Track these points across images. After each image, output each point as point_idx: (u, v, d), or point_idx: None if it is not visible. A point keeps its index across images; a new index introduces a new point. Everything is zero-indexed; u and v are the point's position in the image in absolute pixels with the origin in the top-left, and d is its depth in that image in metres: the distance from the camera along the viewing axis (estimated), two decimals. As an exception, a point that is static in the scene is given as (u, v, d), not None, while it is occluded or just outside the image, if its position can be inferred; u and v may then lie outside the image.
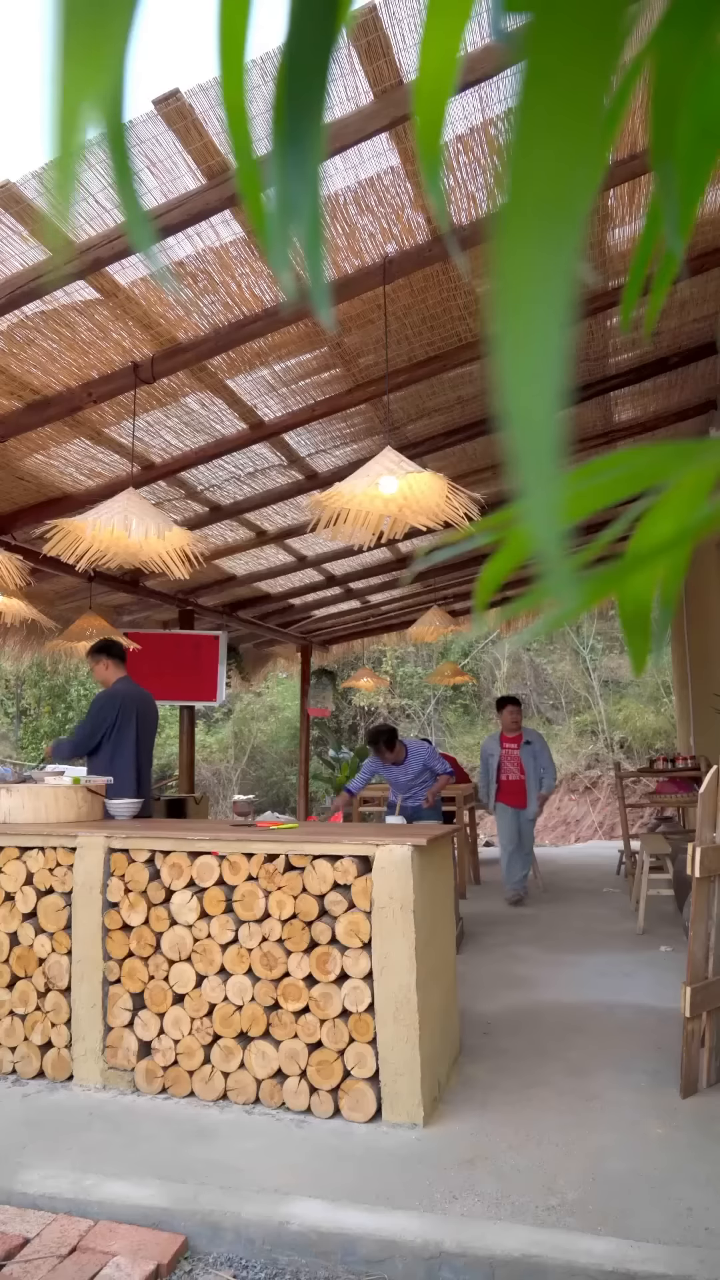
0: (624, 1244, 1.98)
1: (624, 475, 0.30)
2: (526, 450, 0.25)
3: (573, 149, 0.25)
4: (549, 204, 0.25)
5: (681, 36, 0.27)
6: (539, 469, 0.25)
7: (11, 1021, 3.19)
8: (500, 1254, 1.98)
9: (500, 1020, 3.67)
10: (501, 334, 0.26)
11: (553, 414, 0.25)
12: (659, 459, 0.30)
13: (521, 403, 0.25)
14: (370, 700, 16.75)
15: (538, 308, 0.25)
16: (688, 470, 0.30)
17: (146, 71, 3.23)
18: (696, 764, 7.10)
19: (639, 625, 0.37)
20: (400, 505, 3.22)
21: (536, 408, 0.25)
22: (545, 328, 0.25)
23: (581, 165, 0.25)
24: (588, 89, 0.25)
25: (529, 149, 0.25)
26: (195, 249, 3.21)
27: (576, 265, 0.25)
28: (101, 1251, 2.07)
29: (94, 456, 4.73)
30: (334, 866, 2.86)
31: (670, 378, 5.36)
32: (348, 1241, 2.08)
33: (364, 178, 3.03)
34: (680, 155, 0.31)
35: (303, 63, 0.27)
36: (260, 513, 6.08)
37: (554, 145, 0.25)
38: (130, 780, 4.47)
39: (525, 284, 0.25)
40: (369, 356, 4.23)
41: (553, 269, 0.25)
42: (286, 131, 0.28)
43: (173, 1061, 2.97)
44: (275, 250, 0.29)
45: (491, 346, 0.26)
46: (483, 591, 0.33)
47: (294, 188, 0.28)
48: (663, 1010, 3.69)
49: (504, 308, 0.25)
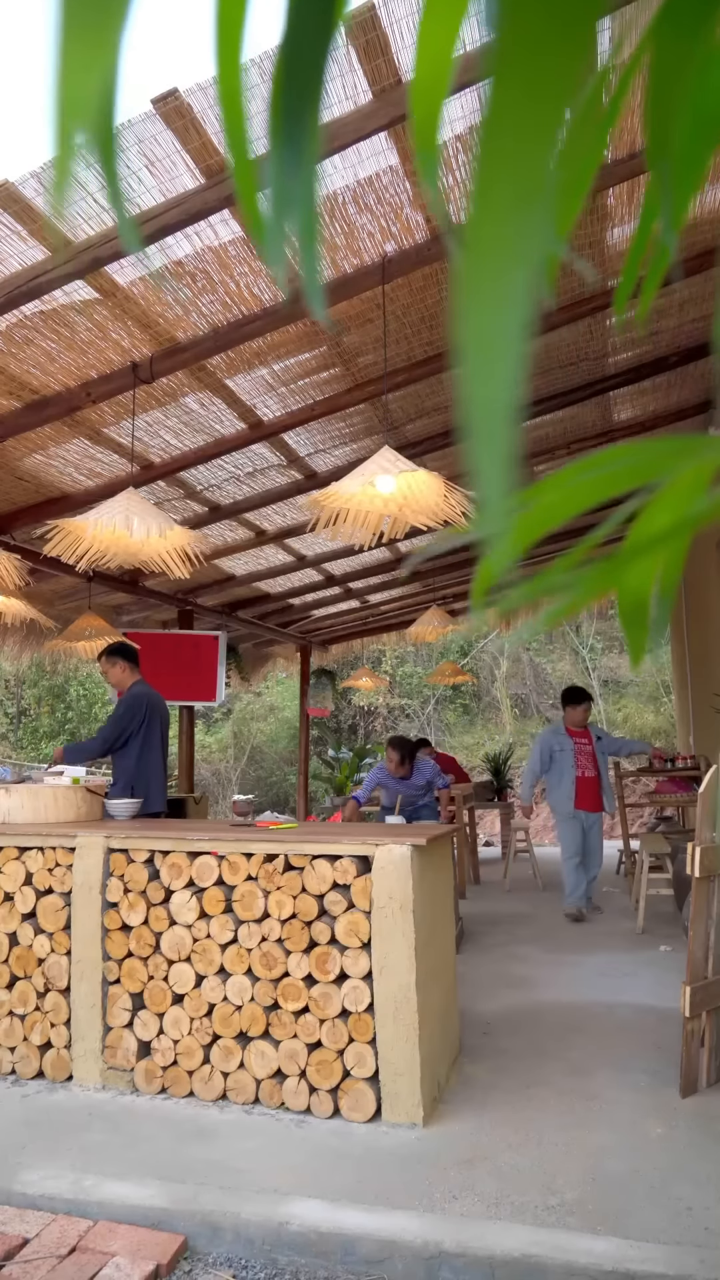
0: (623, 1244, 1.98)
1: (618, 471, 0.30)
2: (483, 456, 0.26)
3: (534, 159, 0.25)
4: (510, 215, 0.25)
5: (678, 32, 0.27)
6: (494, 478, 0.25)
7: (11, 1022, 3.19)
8: (500, 1254, 1.98)
9: (500, 1020, 3.67)
10: (464, 340, 0.26)
11: (509, 420, 0.26)
12: (653, 455, 0.30)
13: (482, 408, 0.25)
14: (370, 700, 16.75)
15: (499, 316, 0.25)
16: (685, 465, 0.30)
17: (145, 71, 3.24)
18: (696, 763, 7.10)
19: (637, 618, 0.37)
20: (399, 505, 3.22)
21: (494, 413, 0.25)
22: (506, 336, 0.25)
23: (542, 175, 0.25)
24: (549, 98, 0.25)
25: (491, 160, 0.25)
26: (194, 248, 3.21)
27: (538, 274, 0.25)
28: (101, 1252, 2.07)
29: (93, 456, 4.73)
30: (333, 866, 2.86)
31: (669, 377, 5.36)
32: (347, 1241, 2.08)
33: (363, 177, 3.03)
34: (677, 150, 0.31)
35: (300, 58, 0.27)
36: (260, 512, 6.08)
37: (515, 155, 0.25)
38: (159, 782, 4.53)
39: (488, 291, 0.25)
40: (368, 356, 4.23)
41: (514, 280, 0.25)
42: (283, 128, 0.28)
43: (172, 1061, 2.97)
44: (271, 247, 0.29)
45: (456, 354, 0.26)
46: (480, 586, 0.33)
47: (290, 184, 0.28)
48: (662, 1010, 3.69)
49: (467, 321, 0.26)
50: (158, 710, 4.62)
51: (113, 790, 4.36)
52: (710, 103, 0.30)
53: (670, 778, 6.98)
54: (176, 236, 3.08)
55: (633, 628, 0.37)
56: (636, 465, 0.30)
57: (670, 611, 0.39)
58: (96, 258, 2.97)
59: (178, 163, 2.74)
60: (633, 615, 0.36)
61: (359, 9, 2.37)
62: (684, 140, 0.31)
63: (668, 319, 4.57)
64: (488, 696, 17.03)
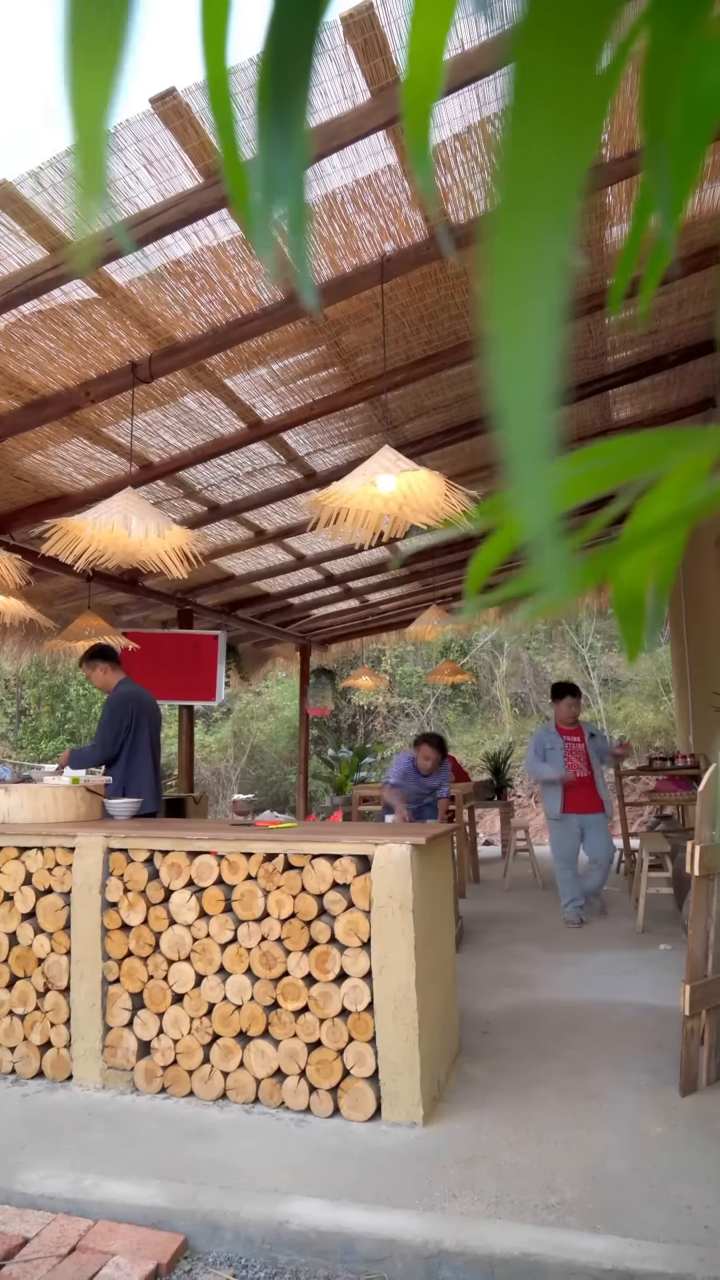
0: (623, 1242, 1.98)
1: (614, 464, 0.30)
2: (519, 444, 0.25)
3: (564, 144, 0.25)
4: (541, 199, 0.25)
5: (671, 22, 0.27)
6: (532, 461, 0.25)
7: (11, 1021, 3.19)
8: (500, 1252, 1.98)
9: (500, 1019, 3.67)
10: (495, 329, 0.25)
11: (546, 408, 0.25)
12: (648, 448, 0.30)
13: (515, 397, 0.25)
14: (369, 699, 16.75)
15: (531, 303, 0.25)
16: (681, 457, 0.30)
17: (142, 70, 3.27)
18: (696, 762, 7.10)
19: (633, 613, 0.36)
20: (399, 504, 3.22)
21: (530, 402, 0.25)
22: (539, 323, 0.24)
23: (573, 159, 0.25)
24: (577, 81, 0.25)
25: (521, 144, 0.25)
26: (193, 248, 3.21)
27: (569, 261, 0.25)
28: (101, 1251, 2.07)
29: (92, 456, 4.72)
30: (333, 866, 2.86)
31: (668, 376, 5.36)
32: (347, 1240, 2.08)
33: (361, 176, 3.02)
34: (672, 142, 0.31)
35: (287, 43, 0.27)
36: (259, 512, 6.08)
37: (545, 140, 0.25)
38: (150, 781, 4.48)
39: (519, 280, 0.25)
40: (367, 355, 4.23)
41: (546, 265, 0.25)
42: (271, 112, 0.28)
43: (172, 1061, 2.97)
44: (260, 234, 0.29)
45: (486, 343, 0.26)
46: (474, 578, 0.33)
47: (278, 172, 0.28)
48: (662, 1008, 3.69)
49: (498, 303, 0.25)
50: (145, 708, 4.57)
51: (109, 789, 4.35)
52: (705, 93, 0.30)
53: (670, 776, 6.98)
54: (175, 236, 3.08)
55: (628, 623, 0.37)
56: (632, 458, 0.30)
57: (665, 607, 0.39)
58: (96, 257, 2.97)
59: (176, 162, 2.73)
60: (628, 611, 0.36)
61: (357, 8, 2.36)
62: (679, 132, 0.31)
63: (667, 317, 4.57)
64: (487, 695, 17.03)
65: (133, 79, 0.28)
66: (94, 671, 4.62)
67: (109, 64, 0.27)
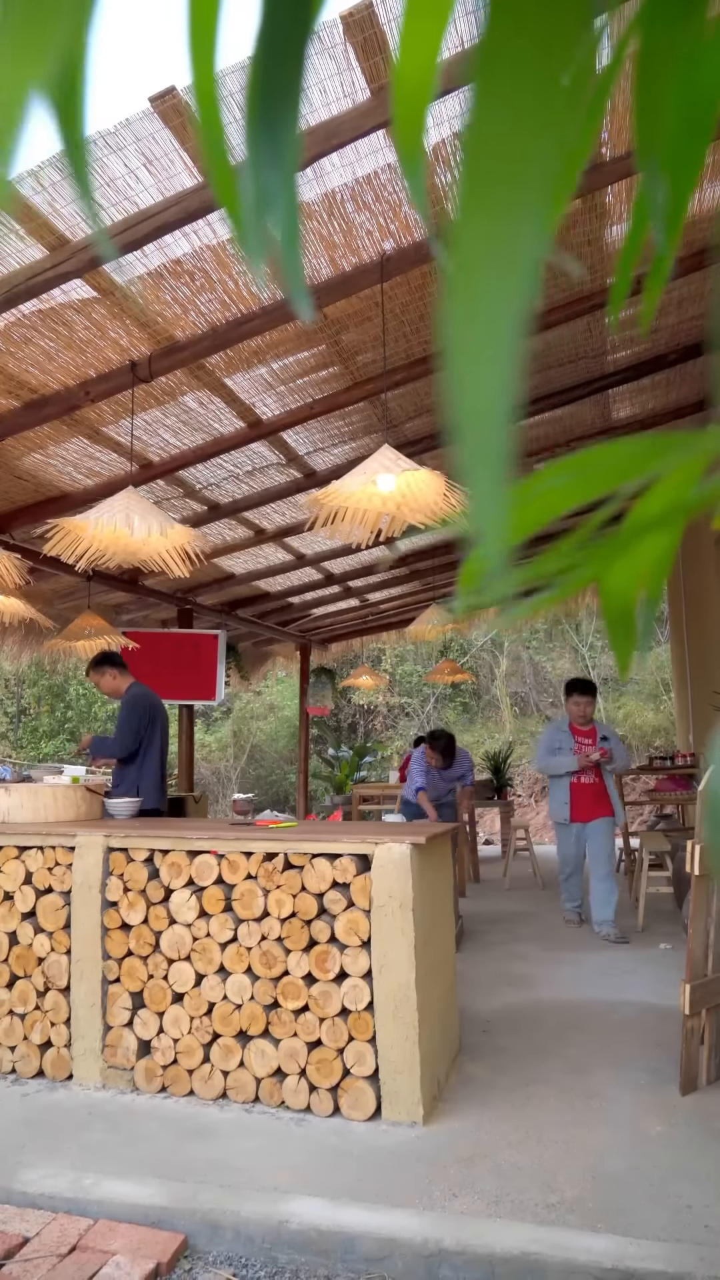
0: (623, 1241, 1.98)
1: (605, 469, 0.30)
2: (475, 463, 0.25)
3: (522, 161, 0.25)
4: (499, 217, 0.25)
5: (665, 26, 0.27)
6: (487, 475, 0.25)
7: (11, 1021, 3.19)
8: (500, 1252, 1.98)
9: (500, 1018, 3.67)
10: (452, 341, 0.25)
11: (502, 424, 0.25)
12: (641, 452, 0.30)
13: (471, 412, 0.25)
14: (369, 699, 16.74)
15: (489, 317, 0.24)
16: (674, 461, 0.30)
17: (142, 69, 3.24)
18: (695, 761, 7.10)
19: (623, 626, 0.36)
20: (398, 503, 3.22)
21: (486, 416, 0.25)
22: (497, 338, 0.24)
23: (534, 178, 0.25)
24: (535, 102, 0.25)
25: (477, 158, 0.25)
26: (192, 247, 3.21)
27: (529, 280, 0.25)
28: (101, 1250, 2.07)
29: (92, 455, 4.72)
30: (333, 865, 2.86)
31: (668, 375, 5.36)
32: (347, 1240, 2.08)
33: (361, 175, 3.02)
34: (667, 150, 0.31)
35: (276, 54, 0.27)
36: (259, 511, 6.08)
37: (503, 154, 0.25)
38: (159, 780, 4.59)
39: (477, 291, 0.25)
40: (367, 354, 4.22)
41: (506, 277, 0.24)
42: (260, 127, 0.28)
43: (172, 1060, 2.97)
44: (250, 247, 0.29)
45: (442, 357, 0.26)
46: (466, 580, 0.33)
47: (269, 184, 0.28)
48: (662, 1008, 3.69)
49: (455, 315, 0.25)
50: (159, 710, 4.67)
51: (116, 790, 4.40)
52: (701, 97, 0.30)
53: (670, 775, 6.98)
54: (174, 235, 3.08)
55: (619, 638, 0.37)
56: (623, 463, 0.30)
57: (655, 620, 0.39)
58: (95, 257, 2.97)
59: (175, 161, 2.73)
60: (619, 625, 0.36)
61: (356, 6, 2.36)
62: (674, 135, 0.31)
63: (666, 317, 4.57)
64: (487, 695, 17.02)
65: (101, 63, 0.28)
66: (103, 677, 4.66)
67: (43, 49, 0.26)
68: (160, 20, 23.74)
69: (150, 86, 3.72)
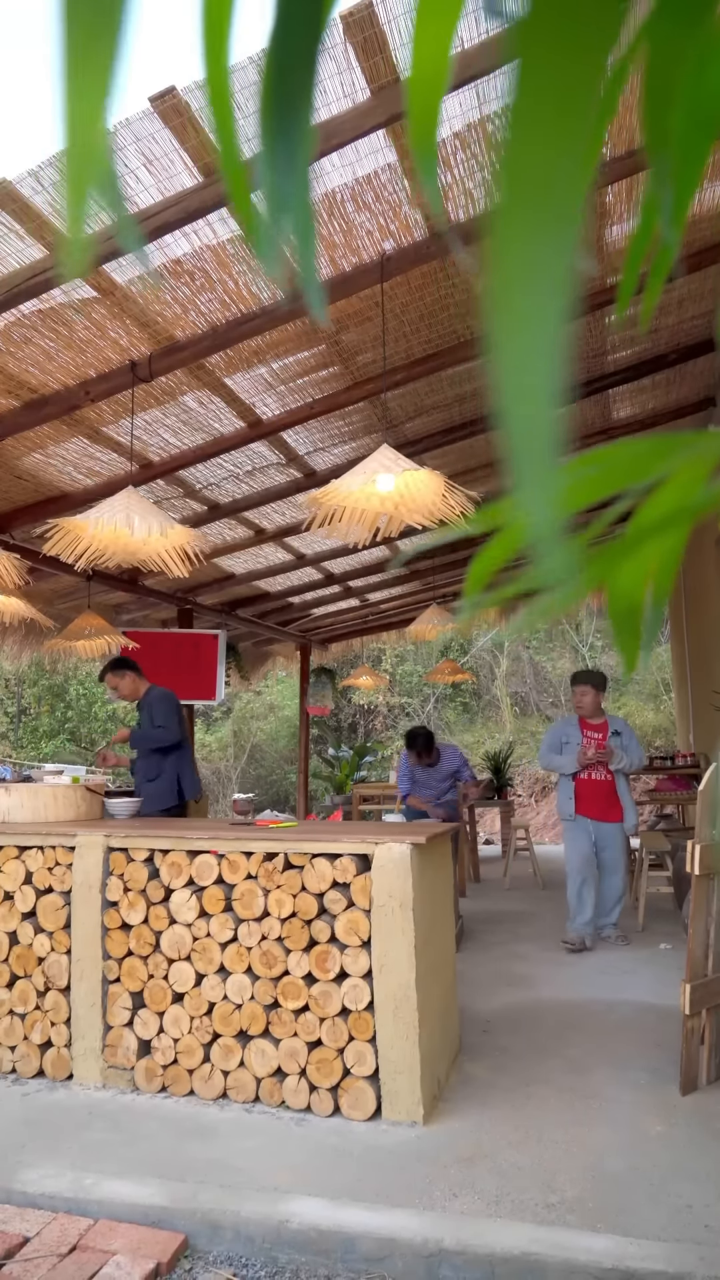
0: (623, 1241, 1.98)
1: (613, 469, 0.30)
2: (523, 445, 0.25)
3: (567, 140, 0.25)
4: (544, 196, 0.25)
5: (675, 25, 0.27)
6: (536, 462, 0.25)
7: (11, 1020, 3.19)
8: (500, 1251, 1.98)
9: (500, 1018, 3.67)
10: (498, 328, 0.25)
11: (550, 407, 0.25)
12: (646, 453, 0.30)
13: (518, 397, 0.25)
14: (370, 699, 16.74)
15: (535, 301, 0.24)
16: (679, 462, 0.30)
17: (142, 68, 3.27)
18: (696, 761, 7.10)
19: (629, 625, 0.36)
20: (396, 503, 3.22)
21: (534, 401, 0.25)
22: (543, 320, 0.24)
23: (576, 156, 0.25)
24: (582, 79, 0.25)
25: (523, 140, 0.25)
26: (192, 246, 3.20)
27: (574, 258, 0.25)
28: (101, 1250, 2.07)
29: (92, 455, 4.72)
30: (333, 865, 2.86)
31: (669, 374, 5.36)
32: (347, 1239, 2.08)
33: (361, 175, 3.02)
34: (675, 146, 0.31)
35: (289, 54, 0.27)
36: (259, 511, 6.08)
37: (548, 136, 0.25)
38: (195, 772, 4.90)
39: (522, 277, 0.25)
40: (367, 354, 4.22)
41: (550, 262, 0.24)
42: (274, 127, 0.28)
43: (172, 1060, 2.97)
44: (265, 248, 0.29)
45: (488, 342, 0.26)
46: (473, 584, 0.32)
47: (283, 185, 0.28)
48: (662, 1008, 3.69)
49: (500, 301, 0.25)
50: (181, 707, 4.97)
51: (150, 784, 4.61)
52: (709, 96, 0.30)
53: (670, 775, 6.99)
54: (174, 235, 3.08)
55: (625, 635, 0.37)
56: (630, 463, 0.30)
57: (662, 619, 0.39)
58: (95, 256, 2.96)
59: (175, 161, 2.73)
60: (625, 622, 0.36)
61: (356, 6, 2.36)
62: (683, 134, 0.31)
63: (667, 316, 4.57)
64: (487, 695, 17.02)
65: (128, 80, 0.28)
66: (123, 680, 4.74)
67: (104, 66, 0.27)
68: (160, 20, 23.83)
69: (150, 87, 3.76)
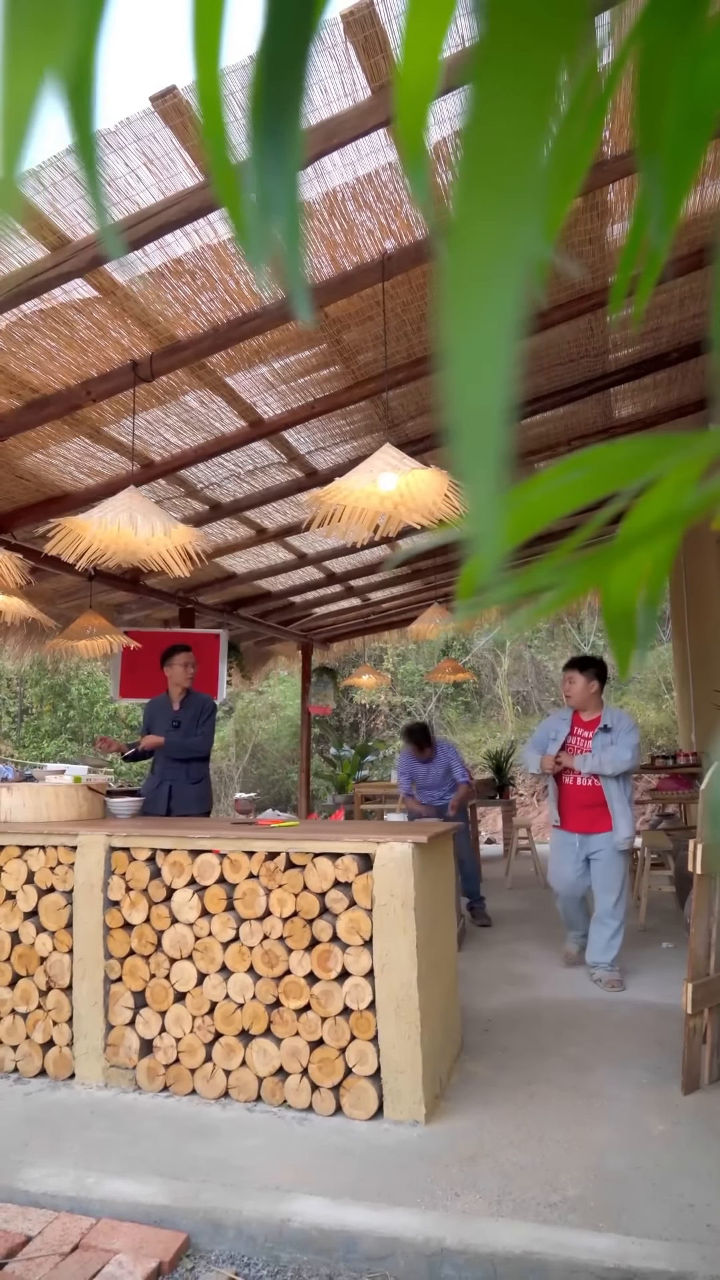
0: (625, 1241, 1.98)
1: (603, 471, 0.30)
2: (472, 466, 0.25)
3: (522, 153, 0.25)
4: (501, 205, 0.25)
5: (667, 23, 0.27)
6: (483, 481, 0.25)
7: (13, 1020, 3.20)
8: (501, 1251, 1.98)
9: (501, 1017, 3.67)
10: (450, 343, 0.25)
11: (499, 427, 0.25)
12: (639, 454, 0.30)
13: (468, 414, 0.25)
14: (371, 698, 16.74)
15: (487, 316, 0.24)
16: (671, 463, 0.30)
17: (143, 68, 3.26)
18: (698, 760, 7.10)
19: (624, 626, 0.36)
20: (397, 503, 3.22)
21: (483, 420, 0.25)
22: (495, 337, 0.24)
23: (532, 165, 0.25)
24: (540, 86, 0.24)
25: (478, 153, 0.25)
26: (194, 246, 3.20)
27: (528, 275, 0.25)
28: (103, 1249, 2.08)
29: (93, 455, 4.72)
30: (335, 864, 2.86)
31: (670, 373, 5.35)
32: (349, 1239, 2.08)
33: (362, 174, 3.02)
34: (667, 145, 0.31)
35: (279, 54, 0.27)
36: (260, 510, 6.07)
37: (503, 150, 0.25)
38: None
39: (476, 292, 0.25)
40: (368, 353, 4.22)
41: (503, 279, 0.24)
42: (264, 128, 0.28)
43: (174, 1059, 2.97)
44: (251, 244, 0.29)
45: (440, 356, 0.26)
46: (466, 584, 0.33)
47: (272, 186, 0.28)
48: (664, 1007, 3.69)
49: (453, 315, 0.25)
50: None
51: (201, 786, 5.02)
52: (701, 95, 0.30)
53: (672, 774, 6.98)
54: (176, 234, 3.08)
55: (619, 638, 0.37)
56: (622, 464, 0.30)
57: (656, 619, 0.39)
58: (96, 256, 2.97)
59: (176, 160, 2.73)
60: (619, 625, 0.36)
61: (357, 5, 2.36)
62: (675, 134, 0.30)
63: (668, 315, 4.56)
64: (489, 694, 17.01)
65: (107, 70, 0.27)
66: (194, 663, 5.11)
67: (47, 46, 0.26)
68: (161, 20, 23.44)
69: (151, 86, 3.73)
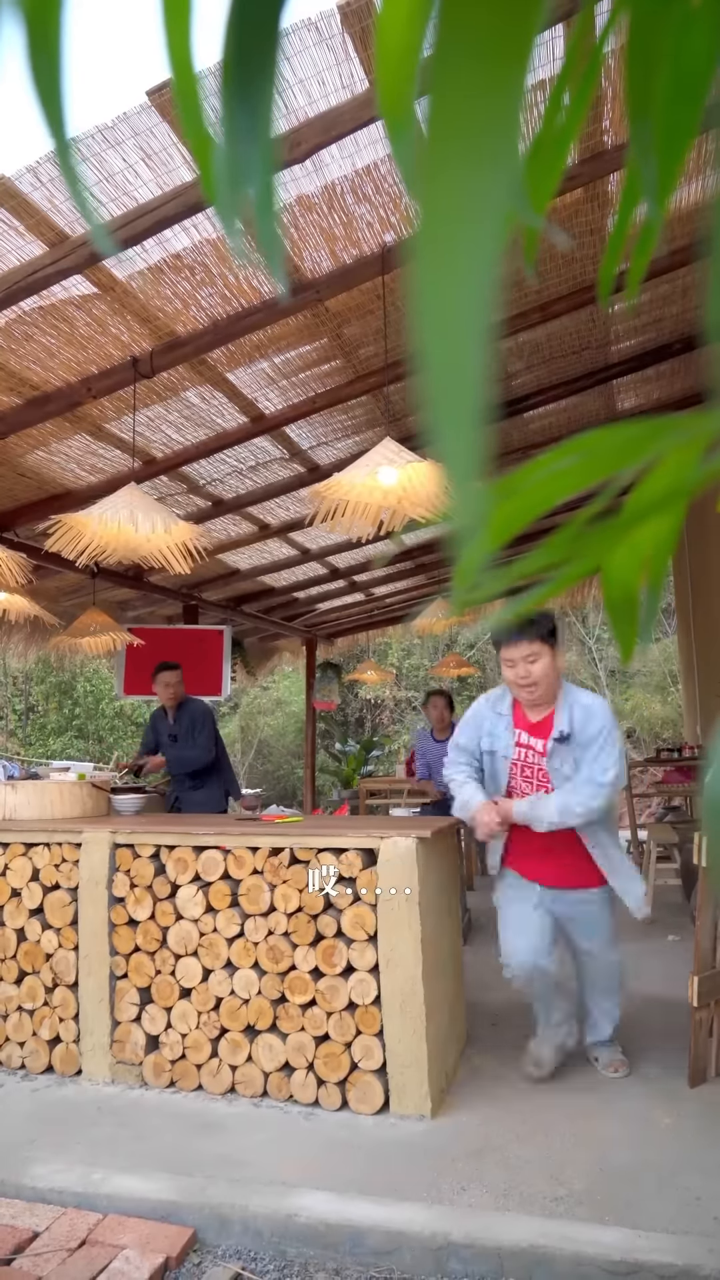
0: (632, 1234, 1.98)
1: (598, 456, 0.29)
2: (444, 400, 0.24)
3: (492, 120, 0.24)
4: (472, 154, 0.23)
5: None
6: (458, 422, 0.24)
7: (19, 1017, 3.20)
8: (508, 1244, 1.98)
9: (507, 1011, 3.67)
10: (420, 271, 0.24)
11: (474, 414, 0.24)
12: (634, 437, 0.29)
13: (441, 350, 0.24)
14: (376, 693, 16.74)
15: (460, 272, 0.23)
16: (669, 445, 0.29)
17: (139, 62, 3.24)
18: (703, 753, 7.07)
19: (626, 612, 0.35)
20: (399, 497, 3.20)
21: (459, 357, 0.23)
22: (468, 290, 0.23)
23: (505, 122, 0.24)
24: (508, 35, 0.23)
25: (446, 89, 0.24)
26: (192, 241, 3.19)
27: (501, 229, 0.24)
28: (110, 1244, 2.08)
29: (95, 452, 4.72)
30: (339, 859, 2.85)
31: (673, 364, 5.32)
32: (356, 1233, 2.08)
33: (360, 166, 3.00)
34: (658, 117, 0.30)
35: (250, 26, 0.26)
36: (263, 506, 6.07)
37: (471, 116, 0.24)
38: (234, 775, 5.33)
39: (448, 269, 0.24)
40: (369, 347, 4.21)
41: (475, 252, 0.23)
42: (235, 100, 0.27)
43: (180, 1055, 2.97)
44: (227, 222, 0.28)
45: (410, 285, 0.25)
46: (460, 577, 0.32)
47: (245, 157, 0.27)
48: (669, 1000, 3.68)
49: (424, 268, 0.24)
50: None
51: (203, 791, 5.00)
52: (691, 64, 0.29)
53: (677, 767, 6.97)
54: (174, 229, 3.06)
55: (621, 623, 0.36)
56: (619, 448, 0.29)
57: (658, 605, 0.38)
58: (95, 252, 2.96)
59: (174, 155, 2.72)
60: (621, 610, 0.35)
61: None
62: (666, 104, 0.30)
63: (670, 305, 4.54)
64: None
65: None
66: (179, 683, 5.13)
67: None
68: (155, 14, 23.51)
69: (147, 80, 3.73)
